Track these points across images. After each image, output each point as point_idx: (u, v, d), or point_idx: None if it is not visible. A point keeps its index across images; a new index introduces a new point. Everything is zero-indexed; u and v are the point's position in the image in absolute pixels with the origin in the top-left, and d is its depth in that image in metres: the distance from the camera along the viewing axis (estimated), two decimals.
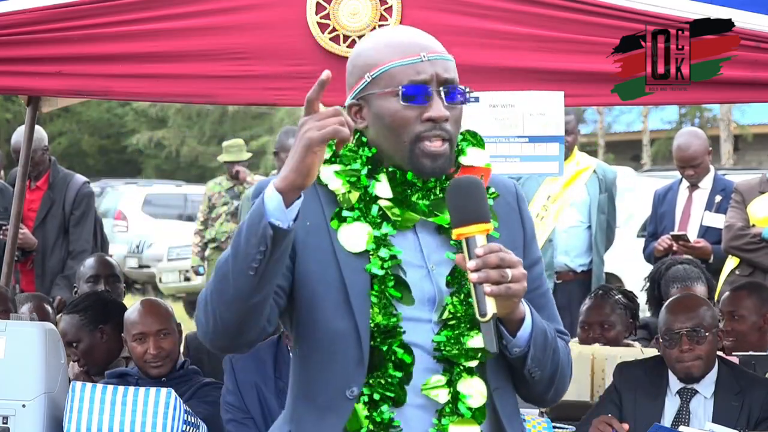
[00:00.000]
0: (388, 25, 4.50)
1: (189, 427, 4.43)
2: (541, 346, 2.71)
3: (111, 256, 7.03)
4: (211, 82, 4.61)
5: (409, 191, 2.76)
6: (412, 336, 2.71)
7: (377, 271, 2.70)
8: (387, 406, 2.69)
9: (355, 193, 2.75)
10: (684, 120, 27.39)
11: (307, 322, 2.73)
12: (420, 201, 2.75)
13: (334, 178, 2.76)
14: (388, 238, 2.73)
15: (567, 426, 4.76)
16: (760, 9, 4.39)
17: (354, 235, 2.72)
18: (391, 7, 4.52)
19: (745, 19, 4.36)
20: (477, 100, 4.53)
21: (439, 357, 2.71)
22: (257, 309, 2.64)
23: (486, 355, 2.69)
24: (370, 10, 4.53)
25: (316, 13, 4.53)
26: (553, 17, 4.50)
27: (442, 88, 2.73)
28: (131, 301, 5.57)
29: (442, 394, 2.71)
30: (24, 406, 4.30)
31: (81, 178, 8.08)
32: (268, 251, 2.55)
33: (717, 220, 7.55)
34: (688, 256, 7.19)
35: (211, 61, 4.58)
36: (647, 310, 6.68)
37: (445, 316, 2.72)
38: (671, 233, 7.58)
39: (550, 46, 4.51)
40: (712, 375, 4.74)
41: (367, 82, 2.77)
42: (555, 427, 4.65)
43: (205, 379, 4.96)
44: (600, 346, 5.46)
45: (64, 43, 4.60)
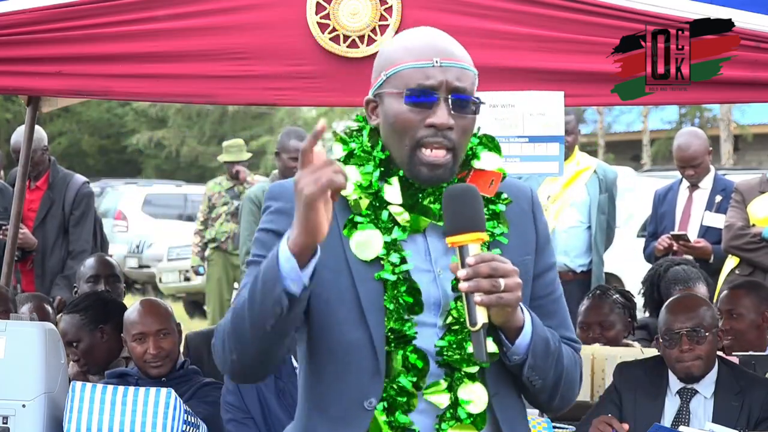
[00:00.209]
0: (388, 25, 4.51)
1: (189, 427, 4.43)
2: (541, 355, 2.70)
3: (111, 256, 7.03)
4: (211, 82, 4.61)
5: (420, 195, 2.74)
6: (418, 340, 2.70)
7: (389, 276, 2.69)
8: (400, 411, 2.68)
9: (366, 199, 2.73)
10: (684, 120, 27.39)
11: (320, 335, 2.71)
12: (432, 205, 2.74)
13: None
14: (398, 243, 2.71)
15: (567, 426, 4.76)
16: (760, 9, 4.39)
17: (366, 242, 2.71)
18: (391, 7, 4.52)
19: (745, 19, 4.35)
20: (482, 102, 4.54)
21: (441, 362, 2.70)
22: (276, 350, 2.64)
23: (490, 361, 2.67)
24: (370, 10, 4.53)
25: (316, 13, 4.53)
26: (553, 17, 4.50)
27: (450, 96, 2.70)
28: (131, 301, 5.57)
29: (443, 399, 2.70)
30: (24, 406, 4.29)
31: (81, 178, 8.08)
32: (284, 313, 2.55)
33: (717, 220, 7.55)
34: (685, 257, 7.19)
35: (211, 61, 4.58)
36: (644, 312, 6.67)
37: (449, 321, 2.71)
38: (671, 233, 7.58)
39: (550, 46, 4.51)
40: (712, 375, 4.74)
41: (382, 80, 2.76)
42: (555, 427, 4.65)
43: (205, 379, 4.96)
44: (600, 346, 5.46)
45: (64, 43, 4.60)
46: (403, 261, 2.70)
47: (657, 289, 6.29)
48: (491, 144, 2.84)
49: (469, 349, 2.67)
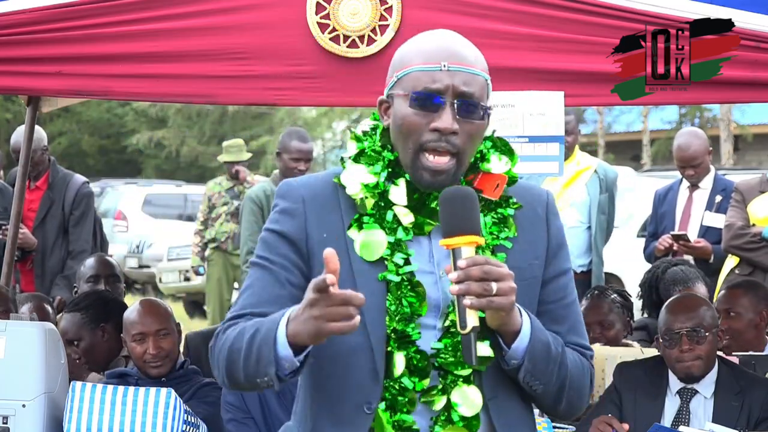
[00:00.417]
0: (388, 25, 4.51)
1: (189, 427, 4.43)
2: (541, 359, 2.68)
3: (111, 256, 7.03)
4: (211, 82, 4.61)
5: (426, 198, 2.74)
6: (419, 342, 2.70)
7: (393, 277, 2.69)
8: (403, 411, 2.68)
9: (371, 199, 2.73)
10: (684, 120, 27.38)
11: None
12: (438, 208, 2.72)
13: (353, 183, 2.75)
14: (403, 244, 2.71)
15: (567, 426, 4.75)
16: (760, 9, 4.39)
17: (370, 243, 2.71)
18: (391, 7, 4.52)
19: (745, 19, 4.36)
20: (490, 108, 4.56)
21: (435, 364, 2.70)
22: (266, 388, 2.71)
23: (482, 365, 2.67)
24: (370, 10, 4.53)
25: (316, 13, 4.53)
26: (553, 17, 4.50)
27: (456, 101, 2.69)
28: (131, 301, 5.57)
29: (438, 401, 2.70)
30: (24, 406, 4.29)
31: (80, 178, 8.08)
32: (276, 385, 2.63)
33: (717, 220, 7.55)
34: (682, 258, 7.19)
35: (211, 61, 4.58)
36: (642, 313, 6.66)
37: (447, 323, 2.71)
38: (672, 233, 7.58)
39: (550, 46, 4.51)
40: (712, 375, 4.74)
41: (394, 81, 2.76)
42: (555, 427, 4.65)
43: (205, 379, 4.95)
44: (600, 345, 5.46)
45: (64, 43, 4.60)
46: (407, 262, 2.70)
47: (656, 290, 6.28)
48: (504, 147, 2.83)
49: None
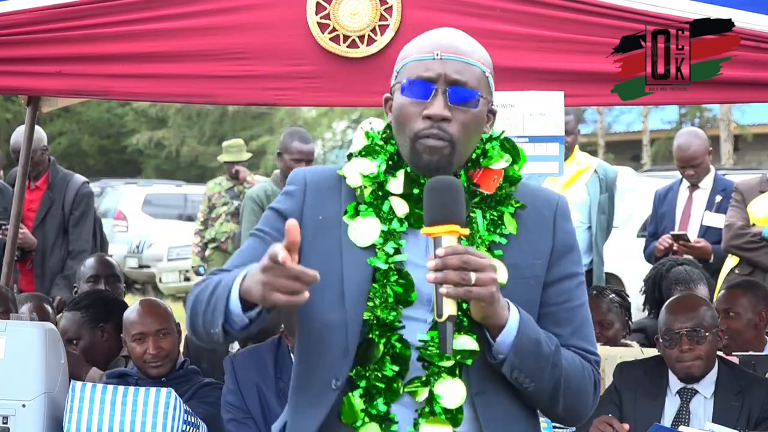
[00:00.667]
0: (388, 25, 4.51)
1: (189, 427, 4.43)
2: (529, 356, 2.67)
3: (111, 256, 7.03)
4: (211, 82, 4.62)
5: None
6: (407, 334, 2.71)
7: (381, 264, 2.71)
8: (381, 400, 2.69)
9: (370, 188, 2.77)
10: (684, 120, 27.38)
11: (304, 315, 2.76)
12: None
13: (353, 173, 2.79)
14: (396, 234, 2.74)
15: (567, 426, 4.75)
16: (760, 9, 4.39)
17: (364, 228, 2.74)
18: (391, 7, 4.52)
19: (745, 19, 4.36)
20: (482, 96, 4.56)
21: (419, 357, 2.71)
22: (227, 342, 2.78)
23: (465, 358, 2.67)
24: (370, 10, 4.53)
25: (316, 13, 4.53)
26: (553, 17, 4.50)
27: (448, 88, 2.72)
28: (131, 301, 5.57)
29: (420, 392, 2.71)
30: (24, 406, 4.30)
31: (80, 178, 8.08)
32: (220, 337, 2.70)
33: (717, 220, 7.55)
34: (687, 257, 7.19)
35: (211, 61, 4.58)
36: (643, 312, 6.67)
37: (436, 317, 2.71)
38: (671, 233, 7.58)
39: (550, 46, 4.51)
40: (712, 375, 4.74)
41: (394, 75, 2.80)
42: (555, 427, 4.65)
43: (205, 379, 4.96)
44: (600, 345, 5.44)
45: (64, 43, 4.60)
46: (397, 252, 2.72)
47: (658, 288, 6.29)
48: (510, 146, 2.85)
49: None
